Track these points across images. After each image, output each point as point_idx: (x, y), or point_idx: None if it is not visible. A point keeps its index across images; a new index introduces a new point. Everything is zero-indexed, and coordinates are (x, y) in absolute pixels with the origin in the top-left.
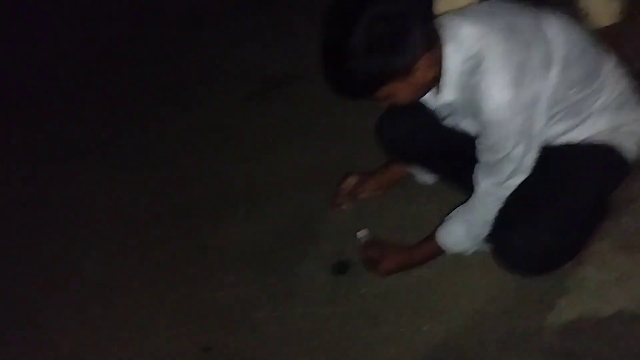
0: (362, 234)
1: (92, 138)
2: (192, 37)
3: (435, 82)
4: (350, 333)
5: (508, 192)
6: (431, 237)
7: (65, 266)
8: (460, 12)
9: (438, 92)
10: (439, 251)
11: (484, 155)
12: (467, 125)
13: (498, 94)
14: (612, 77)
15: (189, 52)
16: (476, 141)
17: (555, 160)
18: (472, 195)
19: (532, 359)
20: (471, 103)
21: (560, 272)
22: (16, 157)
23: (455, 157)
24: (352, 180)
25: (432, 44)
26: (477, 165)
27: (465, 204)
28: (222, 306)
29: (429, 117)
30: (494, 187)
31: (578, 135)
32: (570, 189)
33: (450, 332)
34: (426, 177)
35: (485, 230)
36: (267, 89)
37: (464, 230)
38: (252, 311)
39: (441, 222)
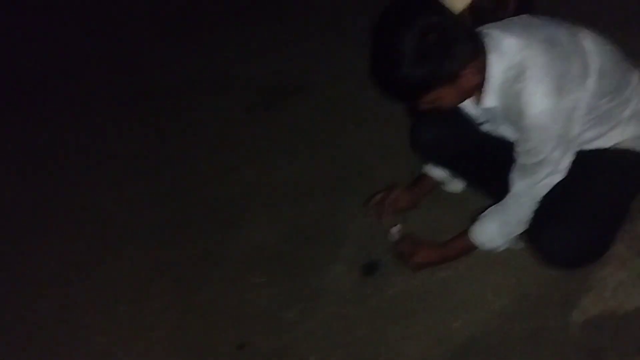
0: (395, 229)
1: (99, 143)
2: (195, 46)
3: (478, 88)
4: (380, 331)
5: (543, 193)
6: (464, 233)
7: (91, 267)
8: (500, 24)
9: (479, 98)
10: (472, 248)
11: (522, 158)
12: (504, 130)
13: (540, 101)
14: (638, 88)
15: (192, 61)
16: (515, 145)
17: (586, 164)
18: (507, 196)
19: (558, 355)
20: (512, 109)
21: (582, 273)
22: (17, 161)
23: (487, 162)
24: (398, 195)
25: (478, 53)
26: (513, 166)
27: (500, 203)
28: (253, 306)
29: (464, 122)
30: (530, 187)
31: (607, 141)
32: (600, 191)
33: (479, 330)
34: (454, 186)
35: (519, 229)
36: (270, 99)
37: (497, 228)
38: (282, 310)
39: (474, 219)
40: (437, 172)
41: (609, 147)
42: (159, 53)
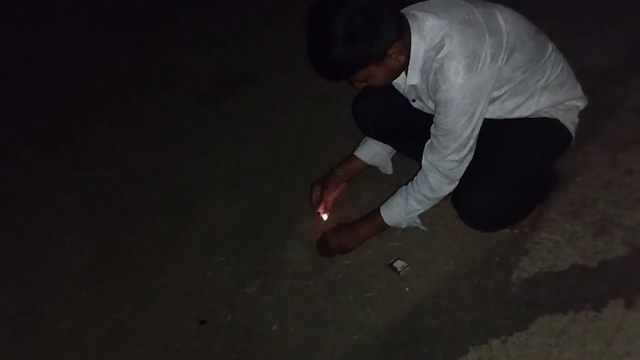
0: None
1: (51, 136)
2: (143, 41)
3: (404, 68)
4: (337, 298)
5: (449, 167)
6: (375, 211)
7: (51, 256)
8: (421, 5)
9: (406, 76)
10: (381, 225)
11: (436, 132)
12: (432, 106)
13: (453, 77)
14: (552, 60)
15: (141, 55)
16: (433, 119)
17: (508, 131)
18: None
19: (502, 310)
20: (432, 85)
21: (520, 237)
22: None
23: (420, 134)
24: (317, 190)
25: (402, 33)
26: (426, 143)
27: (411, 181)
28: (215, 283)
29: (399, 98)
30: (438, 161)
31: (526, 110)
32: (522, 155)
33: (430, 291)
34: (384, 168)
35: (421, 206)
36: (220, 90)
37: (402, 204)
38: (243, 286)
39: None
40: (366, 155)
41: (528, 116)
42: (106, 48)
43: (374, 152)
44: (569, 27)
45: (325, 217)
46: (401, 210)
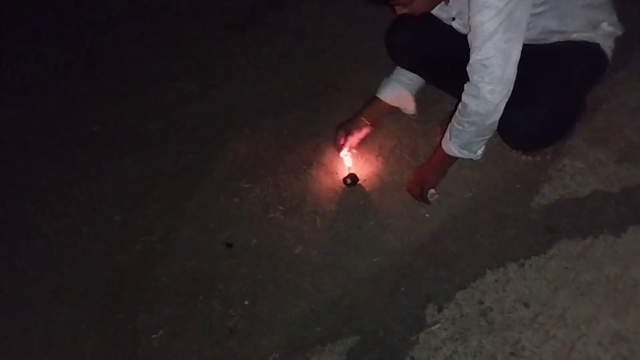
0: (432, 193)
1: (80, 67)
2: None
3: None
4: (359, 224)
5: (472, 70)
6: (439, 148)
7: (85, 182)
8: None
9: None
10: (444, 154)
11: (469, 37)
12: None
13: None
14: None
15: None
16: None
17: (553, 54)
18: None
19: (520, 235)
20: None
21: (542, 164)
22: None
23: (455, 64)
24: (343, 133)
25: None
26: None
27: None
28: (240, 208)
29: (435, 25)
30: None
31: (567, 27)
32: (563, 76)
33: (450, 218)
34: (410, 107)
35: (459, 114)
36: (247, 18)
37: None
38: (267, 212)
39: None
40: (389, 96)
41: (569, 39)
42: None
43: (397, 93)
44: None
45: (349, 161)
46: (451, 129)
